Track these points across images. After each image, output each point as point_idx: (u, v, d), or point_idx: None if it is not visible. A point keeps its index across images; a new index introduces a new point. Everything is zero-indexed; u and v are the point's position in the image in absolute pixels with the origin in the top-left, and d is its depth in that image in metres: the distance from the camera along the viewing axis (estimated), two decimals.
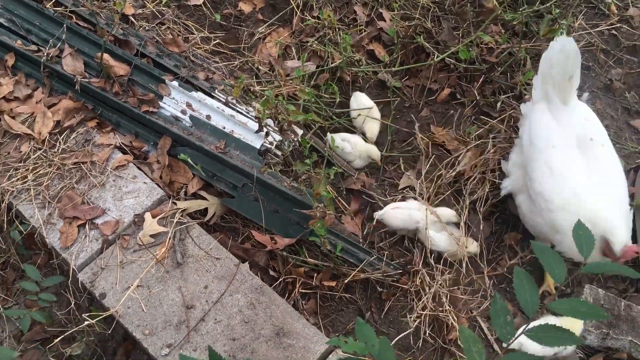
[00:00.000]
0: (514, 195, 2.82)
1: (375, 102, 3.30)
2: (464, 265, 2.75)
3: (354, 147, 3.10)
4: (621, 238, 2.39)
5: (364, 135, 3.22)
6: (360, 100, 3.28)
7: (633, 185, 2.95)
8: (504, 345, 1.42)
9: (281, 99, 2.87)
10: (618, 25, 3.65)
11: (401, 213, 2.83)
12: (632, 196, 2.88)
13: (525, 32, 3.50)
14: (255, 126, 2.87)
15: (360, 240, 2.84)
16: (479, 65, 3.27)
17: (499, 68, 3.29)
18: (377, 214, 2.85)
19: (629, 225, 2.48)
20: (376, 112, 3.27)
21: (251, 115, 2.91)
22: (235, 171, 2.78)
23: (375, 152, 3.11)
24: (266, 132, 2.80)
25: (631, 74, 3.50)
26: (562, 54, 2.56)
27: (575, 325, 2.57)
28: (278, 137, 2.85)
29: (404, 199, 2.99)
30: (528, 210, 2.69)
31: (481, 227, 2.92)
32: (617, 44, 3.60)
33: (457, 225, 2.88)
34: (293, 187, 2.70)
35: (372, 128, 3.21)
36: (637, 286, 2.82)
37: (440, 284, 2.64)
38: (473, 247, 2.84)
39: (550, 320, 2.52)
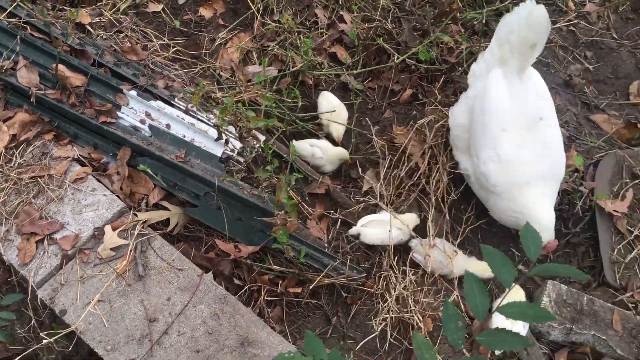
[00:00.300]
0: (456, 153, 2.88)
1: None
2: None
3: (324, 152, 3.09)
4: (546, 238, 2.47)
5: (328, 136, 3.22)
6: (330, 100, 3.27)
7: (593, 180, 2.99)
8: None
9: (241, 106, 2.84)
10: (576, 21, 3.69)
11: (379, 233, 2.81)
12: (592, 191, 2.93)
13: (486, 31, 3.52)
14: (216, 134, 2.84)
15: (326, 245, 2.84)
16: (440, 66, 3.28)
17: (460, 68, 3.30)
18: (352, 231, 2.85)
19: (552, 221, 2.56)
20: (344, 112, 3.27)
21: (212, 123, 2.89)
22: (196, 180, 2.75)
23: (345, 154, 3.12)
24: (226, 140, 2.78)
25: (590, 70, 3.55)
26: (528, 21, 2.43)
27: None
28: (239, 145, 2.83)
29: (372, 210, 2.99)
30: (472, 174, 2.75)
31: (446, 220, 2.92)
32: (576, 40, 3.64)
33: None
34: (254, 194, 2.68)
35: (339, 128, 3.20)
36: (600, 280, 2.85)
37: (404, 287, 2.64)
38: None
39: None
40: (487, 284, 2.76)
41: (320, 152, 3.09)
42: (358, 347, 2.57)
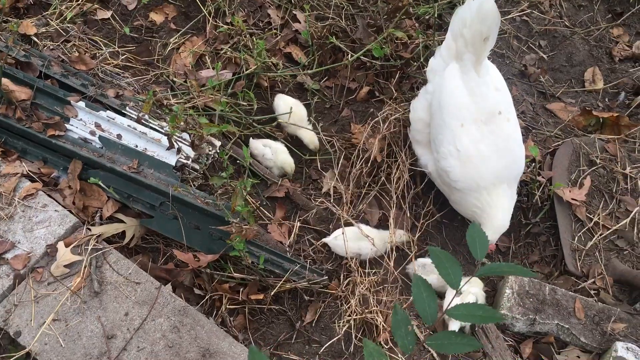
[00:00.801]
0: (417, 148, 2.87)
1: None
2: (392, 263, 2.73)
3: (274, 154, 3.06)
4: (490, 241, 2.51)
5: (288, 138, 3.19)
6: (286, 101, 3.23)
7: (550, 170, 3.00)
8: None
9: (192, 112, 2.79)
10: (529, 10, 3.71)
11: (351, 247, 2.76)
12: (550, 180, 2.94)
13: (440, 25, 3.51)
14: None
15: (287, 249, 2.80)
16: (395, 62, 3.26)
17: (415, 63, 3.29)
18: (326, 240, 2.81)
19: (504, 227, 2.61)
20: (302, 111, 3.24)
21: (165, 131, 2.83)
22: (151, 190, 2.69)
23: (289, 165, 3.08)
24: (178, 149, 2.72)
25: (544, 59, 3.57)
26: (479, 14, 2.42)
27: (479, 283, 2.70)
28: (193, 152, 2.77)
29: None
30: (434, 170, 2.76)
31: (407, 216, 2.91)
32: (529, 30, 3.66)
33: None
34: (207, 203, 2.62)
35: (313, 139, 3.18)
36: (561, 269, 2.86)
37: (367, 287, 2.61)
38: (404, 237, 2.84)
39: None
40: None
41: (270, 153, 3.05)
42: (322, 350, 2.54)
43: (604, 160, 3.07)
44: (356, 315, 2.55)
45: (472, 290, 2.65)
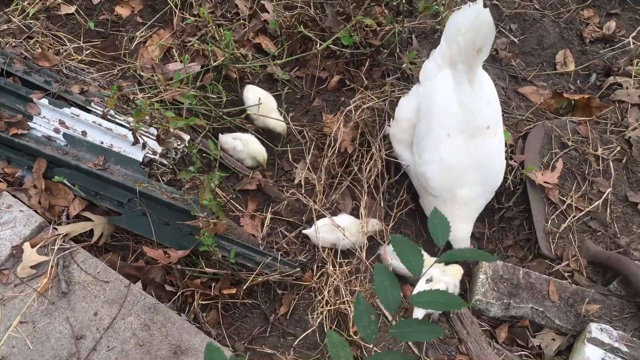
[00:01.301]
0: (397, 146, 2.83)
1: None
2: (364, 253, 2.71)
3: (245, 145, 3.02)
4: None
5: (260, 130, 3.15)
6: (256, 92, 3.19)
7: (522, 153, 2.99)
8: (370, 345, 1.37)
9: (158, 106, 2.74)
10: None
11: (331, 238, 2.75)
12: (522, 164, 2.93)
13: (411, 11, 3.48)
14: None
15: (260, 242, 2.76)
16: (364, 50, 3.23)
17: (385, 50, 3.25)
18: (307, 232, 2.78)
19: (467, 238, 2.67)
20: (272, 102, 3.20)
21: (131, 126, 2.77)
22: (118, 187, 2.64)
23: (261, 155, 3.05)
24: (143, 144, 2.67)
25: (515, 42, 3.55)
26: (474, 24, 2.30)
27: (457, 274, 2.67)
28: (159, 147, 2.72)
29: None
30: (413, 171, 2.74)
31: (381, 205, 2.88)
32: (500, 14, 3.63)
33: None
34: (175, 198, 2.58)
35: (280, 123, 3.14)
36: (535, 252, 2.86)
37: (340, 278, 2.59)
38: (377, 226, 2.82)
39: (436, 273, 2.61)
40: None
41: (241, 145, 3.02)
42: (296, 342, 2.52)
43: (575, 142, 3.06)
44: (330, 306, 2.53)
45: (444, 279, 2.62)
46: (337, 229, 2.72)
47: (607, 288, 2.71)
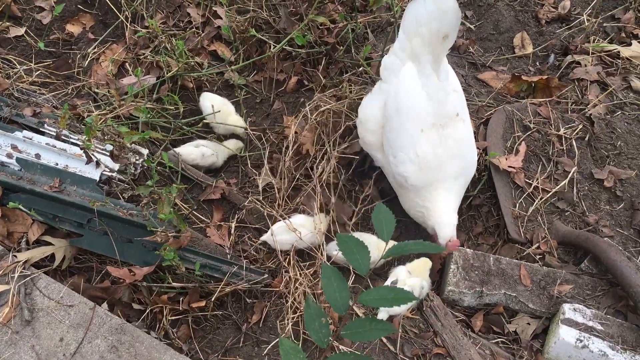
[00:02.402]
0: (370, 151, 2.77)
1: None
2: (324, 253, 2.66)
3: (214, 148, 3.00)
4: (445, 237, 2.50)
5: (220, 138, 3.12)
6: (212, 100, 3.15)
7: (485, 140, 2.98)
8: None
9: (110, 121, 2.69)
10: None
11: (289, 239, 2.69)
12: (485, 150, 2.92)
13: (365, 6, 3.46)
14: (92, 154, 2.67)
15: (227, 252, 2.72)
16: (320, 48, 3.20)
17: (341, 47, 3.22)
18: (262, 239, 2.73)
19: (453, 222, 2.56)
20: (231, 109, 3.17)
21: (84, 145, 2.71)
22: (76, 208, 2.58)
23: (234, 144, 3.09)
24: (97, 162, 2.61)
25: (472, 29, 3.54)
26: (439, 11, 2.25)
27: (424, 266, 2.63)
28: (114, 164, 2.67)
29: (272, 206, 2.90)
30: (389, 172, 2.68)
31: (332, 201, 2.84)
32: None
33: None
34: (132, 214, 2.53)
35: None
36: (505, 237, 2.84)
37: (302, 283, 2.54)
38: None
39: (401, 272, 2.56)
40: None
41: (209, 150, 2.98)
42: (265, 351, 2.47)
43: (537, 124, 3.05)
44: (300, 311, 2.49)
45: (410, 282, 2.52)
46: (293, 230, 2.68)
47: (578, 267, 2.70)
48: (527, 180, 2.93)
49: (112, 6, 3.46)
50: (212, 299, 2.53)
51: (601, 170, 2.95)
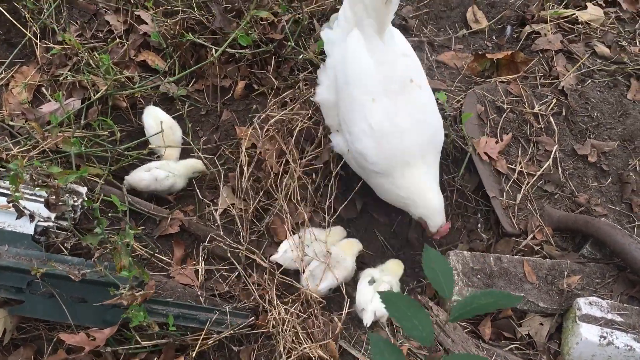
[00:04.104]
0: (329, 134, 2.58)
1: None
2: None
3: (170, 169, 2.64)
4: (437, 223, 2.38)
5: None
6: (157, 115, 2.77)
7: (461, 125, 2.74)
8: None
9: (37, 162, 2.26)
10: None
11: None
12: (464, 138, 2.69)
13: None
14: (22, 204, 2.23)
15: (199, 292, 2.36)
16: (266, 47, 2.85)
17: (288, 43, 2.88)
18: (274, 258, 2.44)
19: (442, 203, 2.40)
20: (177, 130, 2.81)
21: (11, 196, 2.26)
22: (11, 271, 2.15)
23: (197, 163, 2.73)
24: (30, 215, 2.17)
25: (420, 9, 3.29)
26: None
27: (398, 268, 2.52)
28: (49, 213, 2.24)
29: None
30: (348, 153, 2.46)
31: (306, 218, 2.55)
32: None
33: None
34: (84, 274, 2.12)
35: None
36: (499, 232, 2.63)
37: (292, 325, 2.23)
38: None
39: (375, 273, 2.44)
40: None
41: (163, 172, 2.61)
42: None
43: (510, 103, 2.85)
44: (296, 353, 2.17)
45: (386, 279, 2.40)
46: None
47: (580, 254, 2.53)
48: (510, 166, 2.73)
49: (15, 22, 2.97)
50: (193, 355, 2.17)
51: (583, 145, 2.80)
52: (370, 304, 2.28)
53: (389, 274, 2.45)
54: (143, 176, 2.62)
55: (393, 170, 2.32)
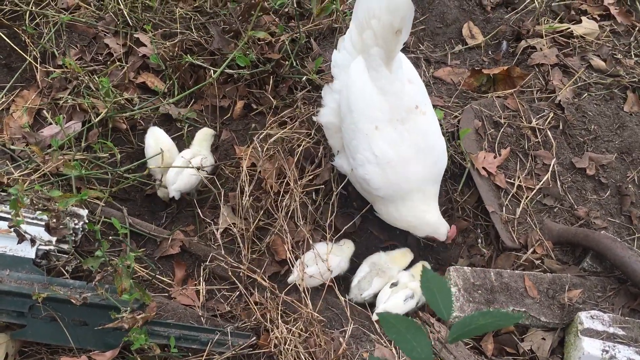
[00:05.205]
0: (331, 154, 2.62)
1: None
2: (308, 302, 2.36)
3: (196, 152, 2.73)
4: (444, 233, 2.48)
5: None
6: (158, 136, 2.78)
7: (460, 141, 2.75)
8: None
9: (38, 186, 2.28)
10: None
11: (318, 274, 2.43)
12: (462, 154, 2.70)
13: (302, 14, 3.16)
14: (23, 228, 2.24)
15: (200, 313, 2.36)
16: (264, 67, 2.87)
17: (287, 62, 2.91)
18: (292, 280, 2.45)
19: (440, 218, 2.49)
20: (175, 152, 2.81)
21: (12, 221, 2.28)
22: (13, 296, 2.16)
23: (207, 129, 2.84)
24: (32, 239, 2.19)
25: (416, 26, 3.31)
26: (390, 5, 2.08)
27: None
28: (50, 237, 2.25)
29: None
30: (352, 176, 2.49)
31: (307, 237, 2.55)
32: None
33: None
34: (86, 298, 2.12)
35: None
36: (499, 246, 2.63)
37: (294, 344, 2.22)
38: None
39: (403, 277, 2.47)
40: None
41: (197, 157, 2.69)
42: None
43: (507, 118, 2.87)
44: None
45: (412, 285, 2.41)
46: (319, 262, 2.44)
47: (581, 267, 2.53)
48: (509, 180, 2.74)
49: (15, 46, 3.00)
50: None
51: (581, 158, 2.81)
52: (383, 303, 2.37)
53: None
54: (187, 172, 2.63)
55: (396, 196, 2.37)
